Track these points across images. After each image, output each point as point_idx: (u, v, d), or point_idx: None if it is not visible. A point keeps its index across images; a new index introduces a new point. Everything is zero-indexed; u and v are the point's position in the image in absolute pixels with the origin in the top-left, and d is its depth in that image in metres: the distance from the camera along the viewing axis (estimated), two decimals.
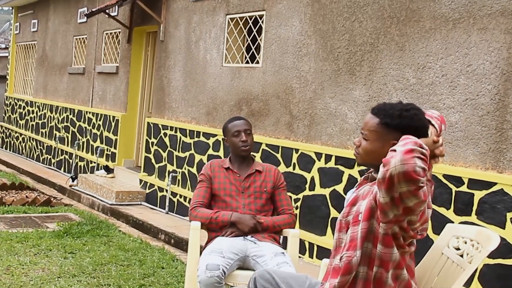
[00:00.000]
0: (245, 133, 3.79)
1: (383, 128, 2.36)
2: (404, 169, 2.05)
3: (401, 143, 2.13)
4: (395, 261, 2.32)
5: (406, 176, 2.06)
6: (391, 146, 2.21)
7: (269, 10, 6.26)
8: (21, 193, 8.56)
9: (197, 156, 7.21)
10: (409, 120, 2.33)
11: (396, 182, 2.08)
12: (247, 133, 3.80)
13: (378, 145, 2.38)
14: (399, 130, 2.31)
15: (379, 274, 2.33)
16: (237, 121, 3.84)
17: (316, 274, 3.06)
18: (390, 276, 2.33)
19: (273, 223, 3.73)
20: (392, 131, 2.33)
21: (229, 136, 3.83)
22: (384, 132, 2.36)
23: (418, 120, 2.35)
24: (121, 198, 7.99)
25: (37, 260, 5.03)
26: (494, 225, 4.01)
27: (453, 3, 4.44)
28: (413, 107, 2.41)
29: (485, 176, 4.11)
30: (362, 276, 2.35)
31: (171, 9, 8.01)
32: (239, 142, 3.78)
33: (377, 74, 5.04)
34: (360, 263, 2.35)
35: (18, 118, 13.54)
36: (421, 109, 2.43)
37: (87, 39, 10.49)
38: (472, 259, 2.49)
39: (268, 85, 6.20)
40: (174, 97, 7.86)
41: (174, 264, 5.26)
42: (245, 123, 3.83)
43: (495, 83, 4.13)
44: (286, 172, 5.77)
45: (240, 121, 3.84)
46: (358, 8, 5.22)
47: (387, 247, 2.30)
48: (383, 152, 2.26)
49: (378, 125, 2.38)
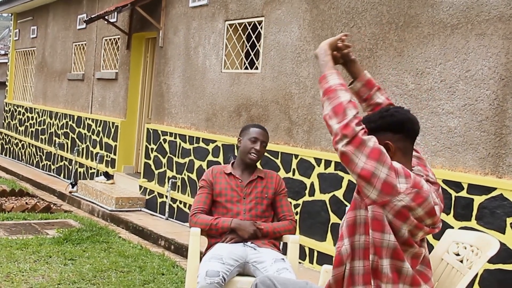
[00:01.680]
0: (261, 143, 3.82)
1: (371, 134, 2.40)
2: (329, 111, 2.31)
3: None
4: (389, 249, 2.29)
5: (335, 111, 2.28)
6: (385, 146, 2.31)
7: (268, 16, 6.28)
8: (21, 199, 8.56)
9: (196, 162, 7.21)
10: (390, 116, 2.40)
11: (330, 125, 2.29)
12: (262, 144, 3.83)
13: None
14: (385, 129, 2.38)
15: (375, 264, 2.32)
16: (260, 129, 3.88)
17: (317, 280, 3.07)
18: (388, 265, 2.30)
19: (273, 229, 3.74)
20: (379, 133, 2.37)
21: (244, 138, 3.85)
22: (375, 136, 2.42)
23: (400, 115, 2.41)
24: (121, 204, 7.99)
25: (37, 267, 5.03)
26: (494, 230, 4.02)
27: (451, 9, 4.45)
28: (393, 107, 2.49)
29: (484, 181, 4.12)
30: (360, 271, 2.35)
31: (170, 15, 8.03)
32: (251, 149, 3.80)
33: (376, 80, 5.04)
34: (355, 256, 2.35)
35: (18, 124, 13.55)
36: (401, 107, 2.51)
37: (87, 45, 10.50)
38: (472, 264, 2.50)
39: (267, 91, 6.22)
40: (173, 103, 7.87)
41: (174, 270, 5.25)
42: (264, 135, 3.87)
43: (493, 88, 4.14)
44: (286, 177, 5.77)
45: (262, 131, 3.88)
46: (357, 14, 5.24)
47: (377, 231, 2.28)
48: None
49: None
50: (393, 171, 2.24)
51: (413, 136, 2.45)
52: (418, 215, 2.28)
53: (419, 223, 2.29)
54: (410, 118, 2.43)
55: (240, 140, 3.88)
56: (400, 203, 2.24)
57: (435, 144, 4.53)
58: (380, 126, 2.40)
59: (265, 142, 3.86)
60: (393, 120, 2.40)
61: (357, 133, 2.22)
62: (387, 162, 2.24)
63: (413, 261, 2.34)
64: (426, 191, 2.29)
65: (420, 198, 2.27)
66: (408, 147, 2.44)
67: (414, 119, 2.45)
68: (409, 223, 2.28)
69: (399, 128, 2.39)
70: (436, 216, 2.34)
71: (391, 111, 2.44)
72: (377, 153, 2.23)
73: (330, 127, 2.29)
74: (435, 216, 2.34)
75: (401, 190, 2.24)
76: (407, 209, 2.26)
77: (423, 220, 2.30)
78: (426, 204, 2.28)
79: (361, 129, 2.24)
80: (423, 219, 2.30)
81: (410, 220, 2.27)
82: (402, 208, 2.25)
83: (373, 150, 2.23)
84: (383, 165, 2.23)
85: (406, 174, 2.27)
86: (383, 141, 2.35)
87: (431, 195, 2.31)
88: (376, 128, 2.39)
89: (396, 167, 2.26)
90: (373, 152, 2.23)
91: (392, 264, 2.31)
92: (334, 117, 2.27)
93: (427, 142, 4.59)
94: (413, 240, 2.33)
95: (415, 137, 2.47)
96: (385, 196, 2.24)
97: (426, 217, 2.30)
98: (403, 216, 2.26)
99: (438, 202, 2.39)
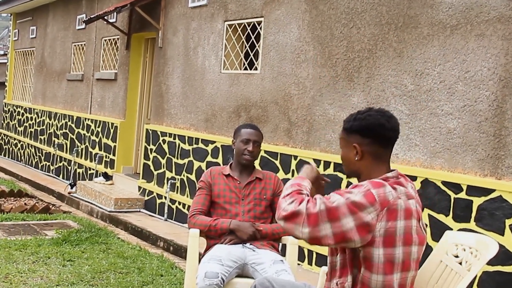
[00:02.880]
0: (253, 143, 3.79)
1: (344, 134, 2.48)
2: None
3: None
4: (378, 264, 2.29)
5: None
6: (353, 149, 2.39)
7: (267, 16, 6.28)
8: (20, 200, 8.55)
9: (196, 163, 7.21)
10: (361, 120, 2.42)
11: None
12: (255, 144, 3.80)
13: (346, 151, 2.48)
14: (355, 132, 2.42)
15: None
16: (251, 129, 3.85)
17: (315, 281, 3.06)
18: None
19: (272, 231, 3.73)
20: (351, 135, 2.43)
21: (237, 140, 3.84)
22: (346, 137, 2.47)
23: (371, 119, 2.40)
24: (120, 205, 7.98)
25: (35, 268, 5.02)
26: (493, 232, 4.01)
27: (451, 10, 4.45)
28: (371, 110, 2.46)
29: (483, 183, 4.11)
30: None
31: (169, 15, 8.02)
32: (244, 150, 3.79)
33: (375, 81, 5.04)
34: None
35: (17, 125, 13.54)
36: (382, 111, 2.46)
37: (86, 46, 10.50)
38: (471, 266, 2.49)
39: (266, 92, 6.21)
40: (172, 103, 7.86)
41: (173, 271, 5.25)
42: (257, 134, 3.84)
43: (493, 89, 4.14)
44: (285, 179, 5.76)
45: (254, 131, 3.84)
46: (356, 15, 5.23)
47: (368, 270, 2.31)
48: (350, 157, 2.43)
49: (341, 132, 2.51)
50: (356, 209, 2.22)
51: (383, 142, 2.41)
52: (401, 227, 2.28)
53: (407, 234, 2.29)
54: (382, 124, 2.39)
55: (234, 142, 3.88)
56: (381, 232, 2.25)
57: (434, 145, 4.52)
58: (351, 127, 2.44)
59: (258, 141, 3.83)
60: (363, 124, 2.40)
61: (306, 210, 2.24)
62: (345, 210, 2.23)
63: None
64: (394, 200, 2.27)
65: (393, 213, 2.26)
66: (380, 152, 2.41)
67: (387, 125, 2.40)
68: (398, 244, 2.28)
69: (368, 132, 2.39)
70: (414, 210, 2.33)
71: (365, 114, 2.43)
72: (334, 211, 2.23)
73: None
74: (412, 214, 2.32)
75: (374, 220, 2.23)
76: (390, 233, 2.26)
77: (409, 226, 2.30)
78: (400, 212, 2.27)
79: (307, 204, 2.26)
80: (408, 225, 2.30)
81: (397, 238, 2.27)
82: (385, 236, 2.25)
83: (329, 211, 2.23)
84: (345, 216, 2.22)
85: (369, 199, 2.24)
86: (352, 143, 2.41)
87: (401, 199, 2.29)
88: (348, 128, 2.45)
89: (356, 201, 2.24)
90: (330, 213, 2.23)
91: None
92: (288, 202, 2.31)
93: (426, 143, 4.58)
94: (410, 261, 2.32)
95: (387, 143, 2.42)
96: (367, 236, 2.24)
97: (408, 222, 2.30)
98: (390, 241, 2.26)
99: (414, 197, 2.38)
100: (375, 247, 2.25)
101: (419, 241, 2.34)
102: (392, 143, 2.45)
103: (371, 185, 2.28)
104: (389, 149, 2.44)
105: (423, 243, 2.39)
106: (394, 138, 2.44)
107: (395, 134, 2.44)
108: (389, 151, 2.45)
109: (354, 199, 2.24)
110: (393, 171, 2.41)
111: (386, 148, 2.43)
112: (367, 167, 2.40)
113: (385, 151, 2.43)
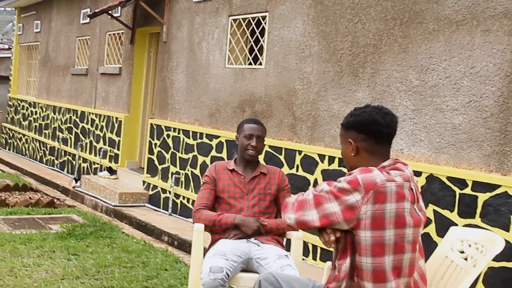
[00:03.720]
0: (257, 138, 3.78)
1: (342, 130, 2.54)
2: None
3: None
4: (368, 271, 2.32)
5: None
6: (349, 145, 2.45)
7: (272, 11, 6.26)
8: (25, 194, 8.57)
9: (200, 158, 7.21)
10: (356, 116, 2.47)
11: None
12: (258, 139, 3.79)
13: (344, 147, 2.54)
14: (351, 128, 2.48)
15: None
16: (254, 124, 3.84)
17: (320, 276, 3.06)
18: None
19: (277, 226, 3.73)
20: (348, 131, 2.50)
21: (241, 136, 3.83)
22: (344, 133, 2.53)
23: (366, 115, 2.45)
24: (124, 200, 8.00)
25: (40, 262, 5.03)
26: (498, 228, 4.00)
27: (456, 5, 4.43)
28: (368, 106, 2.51)
29: (489, 179, 4.10)
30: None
31: (174, 10, 8.01)
32: (248, 146, 3.78)
33: (380, 76, 5.03)
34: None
35: (21, 119, 13.56)
36: (379, 108, 2.48)
37: (90, 40, 10.50)
38: (477, 262, 2.49)
39: (271, 87, 6.20)
40: (177, 98, 7.86)
41: (178, 266, 5.26)
42: (260, 129, 3.83)
43: (498, 85, 4.12)
44: (290, 174, 5.76)
45: (257, 126, 3.83)
46: (361, 10, 5.22)
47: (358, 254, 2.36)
48: (347, 152, 2.49)
49: (340, 129, 2.57)
50: (340, 194, 2.30)
51: (378, 138, 2.43)
52: (392, 210, 2.28)
53: (399, 216, 2.29)
54: (376, 120, 2.42)
55: (238, 137, 3.87)
56: (368, 214, 2.26)
57: (440, 141, 4.51)
58: (347, 123, 2.51)
59: (261, 136, 3.81)
60: (357, 120, 2.46)
61: (295, 199, 2.44)
62: (330, 196, 2.32)
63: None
64: (382, 182, 2.28)
65: (381, 195, 2.27)
66: (375, 147, 2.43)
67: (382, 121, 2.42)
68: (388, 226, 2.28)
69: (362, 128, 2.44)
70: (407, 193, 2.33)
71: (361, 110, 2.49)
72: (319, 198, 2.35)
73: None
74: (405, 197, 2.32)
75: (359, 203, 2.27)
76: (377, 215, 2.27)
77: (401, 209, 2.30)
78: (390, 195, 2.28)
79: (297, 196, 2.46)
80: (400, 207, 2.30)
81: (387, 221, 2.27)
82: (372, 218, 2.27)
83: (315, 197, 2.36)
84: (329, 201, 2.32)
85: (353, 184, 2.29)
86: (347, 139, 2.48)
87: (392, 182, 2.30)
88: (345, 124, 2.51)
89: (340, 187, 2.32)
90: (316, 199, 2.36)
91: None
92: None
93: (432, 139, 4.57)
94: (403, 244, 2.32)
95: (382, 139, 2.44)
96: (352, 218, 2.29)
97: (400, 204, 2.29)
98: (378, 223, 2.27)
99: (410, 180, 2.38)
100: (361, 229, 2.29)
101: (414, 223, 2.34)
102: (387, 140, 2.47)
103: (359, 171, 2.34)
104: (384, 145, 2.46)
105: (419, 225, 2.38)
106: (389, 134, 2.46)
107: (390, 130, 2.46)
108: (385, 147, 2.46)
109: (339, 185, 2.32)
110: (389, 160, 2.43)
111: (381, 144, 2.45)
112: (364, 162, 2.43)
113: (380, 147, 2.45)
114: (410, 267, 2.35)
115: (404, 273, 2.32)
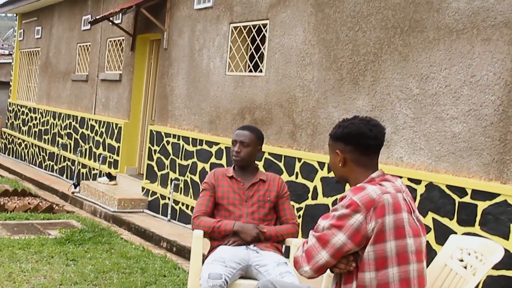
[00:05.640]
0: (240, 144, 3.79)
1: (330, 141, 2.57)
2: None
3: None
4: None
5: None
6: (337, 156, 2.48)
7: (272, 19, 6.28)
8: (24, 199, 8.56)
9: (199, 164, 7.21)
10: (344, 128, 2.50)
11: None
12: (243, 144, 3.79)
13: (332, 157, 2.57)
14: (339, 139, 2.51)
15: None
16: (240, 130, 3.86)
17: (319, 284, 3.06)
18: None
19: (276, 233, 3.73)
20: (336, 142, 2.53)
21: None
22: (331, 144, 2.56)
23: (353, 127, 2.47)
24: (123, 206, 7.99)
25: (39, 267, 5.03)
26: (498, 236, 4.00)
27: (457, 14, 4.44)
28: (356, 118, 2.53)
29: (488, 187, 4.10)
30: None
31: (175, 17, 8.04)
32: (232, 151, 3.82)
33: (380, 84, 5.04)
34: None
35: (21, 124, 13.57)
36: (366, 120, 2.51)
37: (91, 47, 10.52)
38: (476, 271, 2.49)
39: (271, 94, 6.21)
40: (177, 105, 7.87)
41: (176, 272, 5.25)
42: (244, 135, 3.82)
43: (498, 94, 4.13)
44: (289, 181, 5.76)
45: (241, 131, 3.84)
46: (362, 18, 5.24)
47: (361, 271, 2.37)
48: (335, 163, 2.52)
49: (329, 139, 2.59)
50: (342, 222, 2.31)
51: (364, 150, 2.46)
52: (390, 221, 2.30)
53: (399, 227, 2.30)
54: (363, 132, 2.45)
55: None
56: (374, 230, 2.29)
57: (439, 149, 4.52)
58: (335, 134, 2.53)
59: (245, 141, 3.80)
60: (345, 132, 2.49)
61: (302, 251, 2.44)
62: (333, 230, 2.33)
63: None
64: (378, 197, 2.30)
65: (381, 209, 2.30)
66: (362, 159, 2.46)
67: (369, 133, 2.45)
68: (388, 238, 2.29)
69: (349, 140, 2.47)
70: (402, 203, 2.35)
71: (349, 122, 2.51)
72: (323, 238, 2.36)
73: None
74: (402, 207, 2.34)
75: (364, 223, 2.29)
76: (379, 229, 2.28)
77: (399, 219, 2.32)
78: (388, 207, 2.30)
79: (302, 247, 2.46)
80: (399, 218, 2.32)
81: (387, 233, 2.29)
82: (375, 233, 2.29)
83: (319, 239, 2.37)
84: (334, 235, 2.32)
85: (352, 207, 2.30)
86: (335, 149, 2.51)
87: (387, 194, 2.32)
88: (333, 135, 2.54)
89: (340, 215, 2.32)
90: (321, 240, 2.37)
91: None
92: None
93: (431, 147, 4.58)
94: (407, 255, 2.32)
95: (369, 151, 2.47)
96: (361, 241, 2.30)
97: (398, 215, 2.31)
98: (379, 237, 2.29)
99: (404, 191, 2.42)
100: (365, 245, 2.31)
101: (413, 233, 2.35)
102: (374, 151, 2.49)
103: (351, 192, 2.35)
104: (371, 156, 2.49)
105: (419, 235, 2.40)
106: (376, 146, 2.49)
107: (377, 142, 2.48)
108: (372, 158, 2.49)
109: (338, 214, 2.33)
110: (377, 171, 2.46)
111: (367, 155, 2.48)
112: (351, 173, 2.48)
113: (367, 158, 2.48)
114: (419, 278, 2.36)
115: (414, 285, 2.32)
